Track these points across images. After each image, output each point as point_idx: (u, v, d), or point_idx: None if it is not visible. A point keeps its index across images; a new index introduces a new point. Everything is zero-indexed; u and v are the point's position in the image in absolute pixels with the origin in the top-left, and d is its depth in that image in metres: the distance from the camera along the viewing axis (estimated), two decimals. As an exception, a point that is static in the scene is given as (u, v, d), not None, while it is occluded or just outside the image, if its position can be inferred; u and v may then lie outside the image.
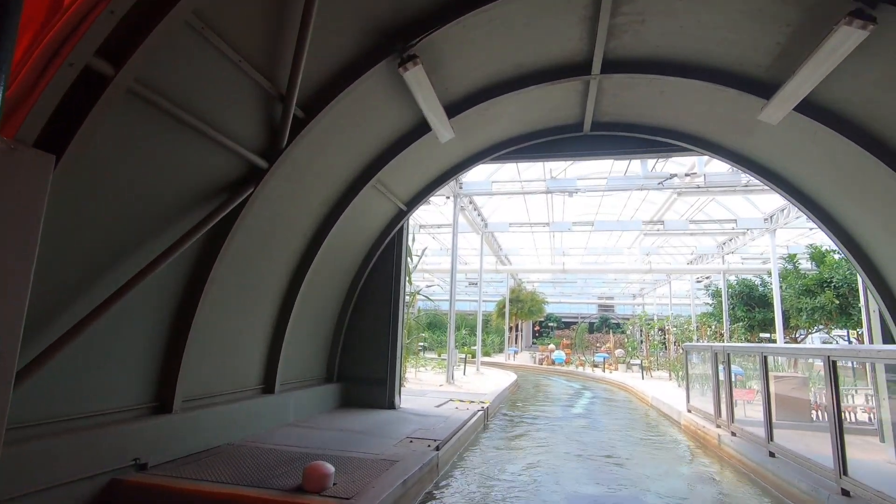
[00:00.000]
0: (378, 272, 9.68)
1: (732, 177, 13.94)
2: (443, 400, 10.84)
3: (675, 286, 36.59)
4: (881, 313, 7.53)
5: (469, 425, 8.36)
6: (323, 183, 7.03)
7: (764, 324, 24.08)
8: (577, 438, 8.81)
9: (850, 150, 6.15)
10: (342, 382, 9.34)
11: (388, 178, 8.33)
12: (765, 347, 6.74)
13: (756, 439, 6.88)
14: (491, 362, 28.84)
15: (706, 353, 9.82)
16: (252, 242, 6.21)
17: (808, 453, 5.62)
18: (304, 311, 8.01)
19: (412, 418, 8.31)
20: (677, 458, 7.82)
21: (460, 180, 15.73)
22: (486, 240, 22.23)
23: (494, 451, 7.50)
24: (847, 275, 18.30)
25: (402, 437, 6.75)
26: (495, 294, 43.94)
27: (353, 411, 8.70)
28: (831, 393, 4.89)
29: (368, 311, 9.59)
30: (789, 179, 7.95)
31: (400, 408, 9.36)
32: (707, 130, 8.09)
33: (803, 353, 5.73)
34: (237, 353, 6.56)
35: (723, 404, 8.25)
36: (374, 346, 9.45)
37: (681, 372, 17.70)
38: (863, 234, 7.37)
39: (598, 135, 8.89)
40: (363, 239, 9.15)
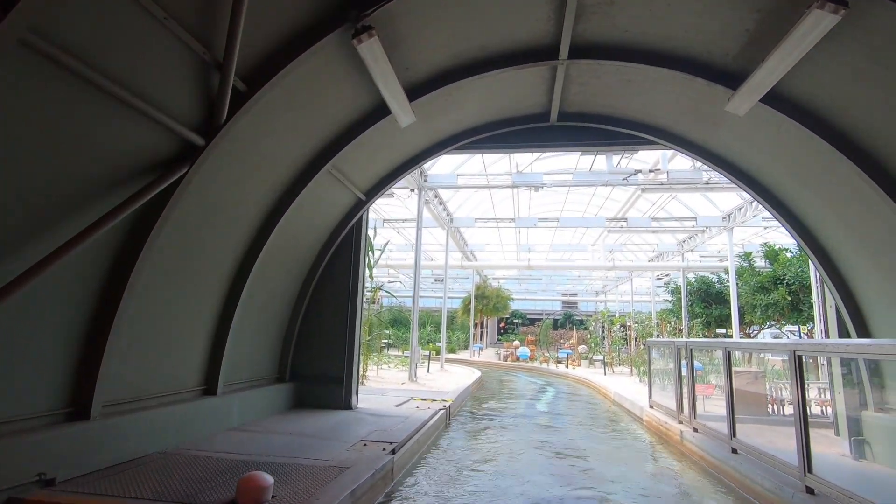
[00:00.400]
0: (335, 265, 9.16)
1: (694, 174, 14.10)
2: (403, 399, 10.44)
3: (636, 283, 37.38)
4: (838, 309, 7.60)
5: (429, 425, 7.99)
6: (272, 166, 6.48)
7: (720, 320, 24.80)
8: (541, 437, 8.59)
9: (814, 144, 6.10)
10: (295, 382, 8.79)
11: (346, 165, 7.83)
12: (729, 343, 6.66)
13: (718, 435, 6.80)
14: (456, 359, 28.62)
15: (669, 349, 9.79)
16: (190, 228, 5.62)
17: (772, 450, 5.53)
18: (253, 305, 7.44)
19: (369, 419, 7.87)
20: (640, 456, 7.70)
21: (425, 173, 15.31)
22: (451, 235, 21.91)
23: (455, 453, 7.15)
24: (798, 272, 18.96)
25: (356, 441, 6.31)
26: (461, 291, 43.80)
27: (306, 413, 8.18)
28: (797, 389, 4.78)
29: (325, 306, 9.07)
30: (752, 174, 7.93)
31: (357, 408, 8.90)
32: (673, 123, 7.97)
33: (769, 348, 5.65)
34: (172, 351, 5.95)
35: (685, 400, 8.19)
36: (330, 344, 8.93)
37: (642, 367, 17.91)
38: (823, 231, 7.41)
39: (564, 125, 8.66)
40: (319, 229, 8.61)
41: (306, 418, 7.71)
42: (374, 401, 9.96)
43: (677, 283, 29.56)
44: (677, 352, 8.59)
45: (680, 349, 8.56)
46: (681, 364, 8.56)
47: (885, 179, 5.73)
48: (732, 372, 6.57)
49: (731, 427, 6.35)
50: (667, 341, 9.69)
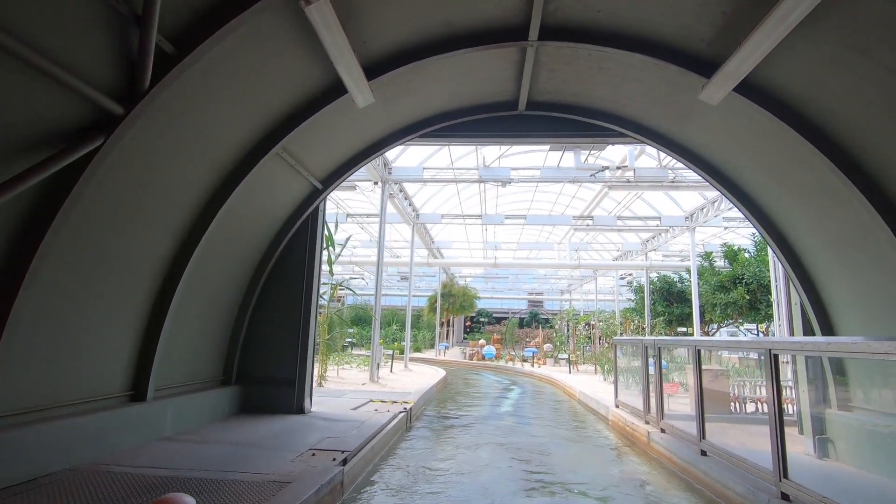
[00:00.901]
0: (289, 259, 8.51)
1: (660, 173, 14.08)
2: (362, 401, 9.87)
3: (600, 282, 37.85)
4: (803, 306, 7.53)
5: (388, 430, 7.48)
6: (212, 145, 5.81)
7: (681, 318, 25.26)
8: (506, 440, 8.21)
9: (785, 136, 5.92)
10: (242, 385, 8.10)
11: (299, 149, 7.21)
12: (699, 341, 6.44)
13: (687, 437, 6.58)
14: (421, 358, 28.13)
15: (636, 347, 9.62)
16: (110, 210, 4.91)
17: (743, 452, 5.30)
18: (192, 300, 6.74)
19: (322, 425, 7.29)
20: (607, 459, 7.42)
21: (389, 165, 14.74)
22: (417, 231, 21.39)
23: (415, 460, 6.67)
24: (756, 272, 19.40)
25: (305, 450, 5.73)
26: (427, 289, 43.33)
27: (253, 418, 7.51)
28: (772, 389, 4.54)
29: (276, 303, 8.41)
30: (721, 169, 7.78)
31: (310, 412, 8.28)
32: (645, 115, 7.73)
33: (743, 346, 5.42)
34: (89, 352, 5.22)
35: (652, 400, 7.98)
36: (281, 343, 8.28)
37: (606, 366, 17.90)
38: (789, 226, 7.31)
39: (533, 115, 8.30)
40: (270, 219, 7.95)
41: (252, 425, 7.06)
42: (331, 404, 9.36)
43: (640, 282, 30.03)
44: (644, 350, 8.38)
45: (647, 347, 8.36)
46: (648, 363, 8.36)
47: (855, 172, 5.59)
48: (701, 371, 6.35)
49: (700, 428, 6.12)
50: (634, 339, 9.50)
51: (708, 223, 19.07)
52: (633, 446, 7.95)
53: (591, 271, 34.04)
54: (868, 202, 5.46)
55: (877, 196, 5.47)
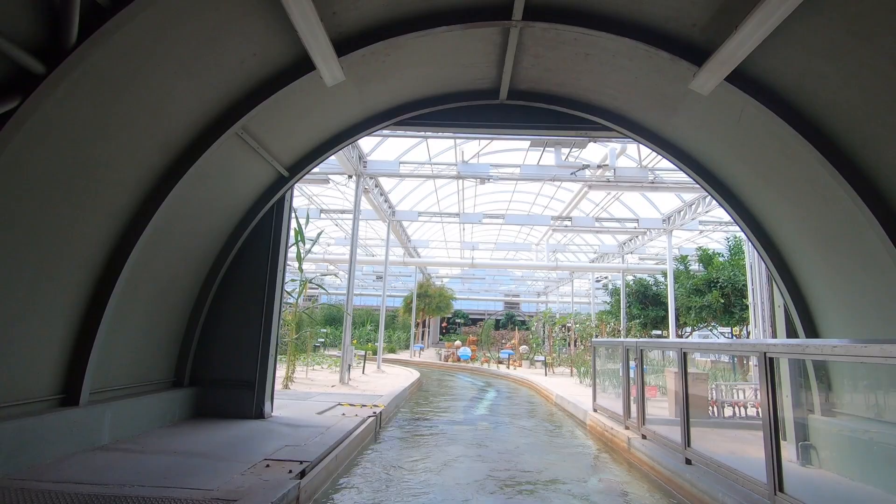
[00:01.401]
0: (252, 251, 7.90)
1: (640, 173, 13.92)
2: (329, 405, 9.30)
3: (576, 285, 37.95)
4: (787, 308, 7.33)
5: (354, 436, 6.95)
6: (161, 119, 5.20)
7: (655, 321, 25.36)
8: (480, 446, 7.78)
9: (776, 129, 5.67)
10: (198, 387, 7.46)
11: (263, 131, 6.64)
12: (685, 343, 6.14)
13: (670, 444, 6.27)
14: (395, 359, 27.54)
15: (616, 350, 9.32)
16: (30, 185, 4.27)
17: (732, 461, 4.99)
18: (139, 293, 6.10)
19: (282, 431, 6.72)
20: (586, 466, 7.06)
21: (365, 158, 14.18)
22: (393, 229, 20.84)
23: (383, 471, 6.16)
24: (731, 275, 19.53)
25: (259, 460, 5.17)
26: (404, 289, 42.74)
27: (207, 424, 6.89)
28: (768, 395, 4.22)
29: (236, 299, 7.79)
30: (706, 164, 7.53)
31: (272, 417, 7.69)
32: (631, 107, 7.42)
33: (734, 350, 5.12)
34: (9, 351, 4.56)
35: (633, 405, 7.66)
36: (241, 342, 7.67)
37: (583, 368, 17.70)
38: (775, 225, 7.09)
39: (514, 105, 7.91)
40: (230, 206, 7.34)
41: (205, 431, 6.44)
42: (295, 407, 8.77)
43: (616, 284, 30.12)
44: (625, 353, 8.08)
45: (628, 350, 8.05)
46: (629, 366, 8.05)
47: (849, 167, 5.35)
48: (687, 375, 6.04)
49: (685, 435, 5.81)
50: (615, 341, 9.20)
51: (685, 226, 19.11)
52: (613, 453, 7.62)
53: (568, 273, 34.06)
54: (860, 199, 5.22)
55: (870, 193, 5.23)
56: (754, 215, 7.35)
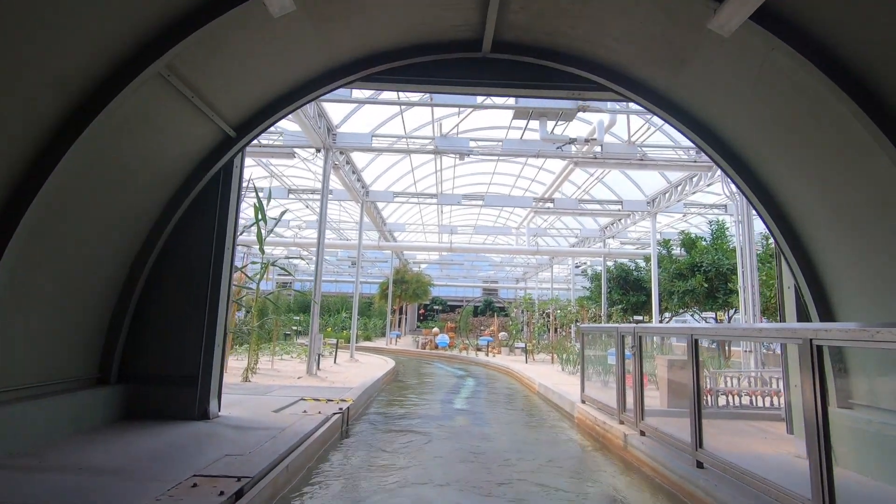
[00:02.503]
0: (194, 227, 6.77)
1: (629, 149, 13.14)
2: (290, 400, 8.29)
3: (555, 271, 37.48)
4: (798, 290, 6.61)
5: (315, 439, 5.99)
6: (49, 46, 4.03)
7: (636, 307, 24.97)
8: (459, 447, 6.91)
9: (805, 79, 4.84)
10: (128, 384, 6.35)
11: (199, 77, 5.49)
12: (697, 329, 5.33)
13: (676, 443, 5.49)
14: (370, 347, 26.56)
15: (608, 336, 8.55)
16: None
17: (759, 467, 4.21)
18: (41, 273, 4.95)
19: (226, 435, 5.69)
20: (577, 468, 6.26)
21: (334, 130, 13.00)
22: (368, 211, 19.70)
23: (344, 483, 5.21)
24: (715, 259, 19.11)
25: (185, 478, 4.15)
26: (380, 275, 41.66)
27: (135, 428, 5.80)
28: (815, 394, 3.41)
29: (176, 281, 6.68)
30: (714, 128, 6.69)
31: (218, 417, 6.64)
32: (631, 61, 6.51)
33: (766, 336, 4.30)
34: None
35: (629, 397, 6.90)
36: (181, 332, 6.57)
37: (564, 355, 17.05)
38: (790, 196, 6.31)
39: (499, 59, 6.92)
40: (163, 170, 6.18)
41: (130, 438, 5.37)
42: (250, 404, 7.73)
43: (596, 270, 29.66)
44: (621, 339, 7.29)
45: (624, 336, 7.26)
46: (624, 354, 7.28)
47: (892, 123, 4.57)
48: (700, 365, 5.24)
49: (696, 434, 5.02)
50: (607, 327, 8.43)
51: (670, 209, 18.52)
52: (607, 451, 6.85)
53: (548, 259, 33.50)
54: (904, 160, 4.45)
55: (917, 153, 4.46)
56: (766, 187, 6.56)
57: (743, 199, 13.04)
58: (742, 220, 12.91)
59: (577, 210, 19.33)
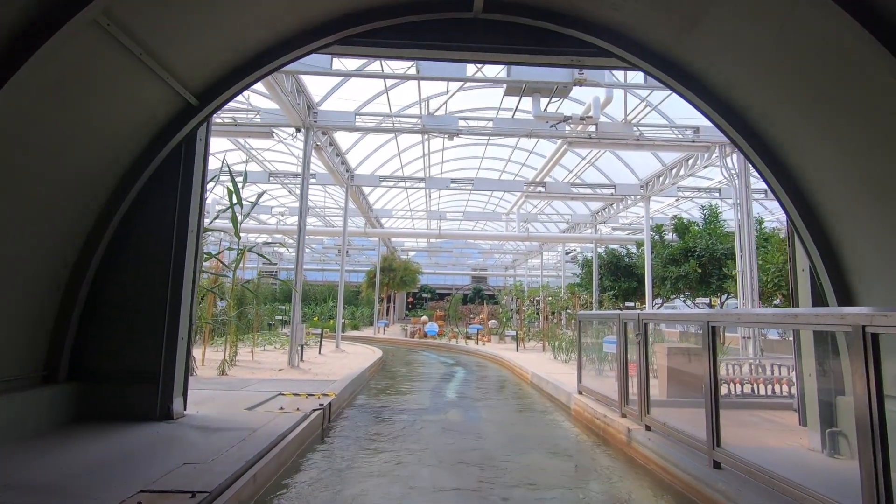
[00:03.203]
0: (152, 207, 6.07)
1: (625, 128, 12.59)
2: (268, 395, 7.69)
3: (545, 257, 37.10)
4: (814, 272, 6.13)
5: (290, 441, 5.40)
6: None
7: (627, 293, 24.67)
8: (449, 445, 6.38)
9: (840, 37, 4.29)
10: (80, 382, 5.69)
11: (151, 34, 4.77)
12: (714, 315, 4.82)
13: (688, 440, 5.01)
14: (358, 336, 25.96)
15: (609, 324, 8.06)
16: None
17: (789, 471, 3.72)
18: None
19: (190, 439, 5.08)
20: (578, 467, 5.77)
21: (315, 108, 12.23)
22: (353, 196, 18.97)
23: (321, 494, 4.64)
24: (709, 244, 18.77)
25: (131, 494, 3.54)
26: (367, 263, 40.94)
27: (86, 433, 5.16)
28: (868, 386, 2.90)
29: (133, 268, 6.00)
30: (726, 95, 6.13)
31: (184, 417, 6.01)
32: (637, 22, 5.90)
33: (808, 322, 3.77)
34: None
35: (633, 388, 6.41)
36: (140, 323, 5.91)
37: (556, 343, 16.64)
38: (811, 174, 5.79)
39: (493, 19, 6.27)
40: (113, 141, 5.46)
41: (75, 444, 4.73)
42: (223, 401, 7.11)
43: (587, 256, 29.30)
44: (623, 327, 6.78)
45: (627, 324, 6.75)
46: (626, 342, 6.78)
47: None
48: (716, 354, 4.74)
49: (712, 431, 4.53)
50: (608, 314, 7.94)
51: (664, 192, 18.08)
52: (608, 447, 6.37)
53: (538, 245, 33.08)
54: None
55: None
56: (781, 158, 6.04)
57: (741, 180, 12.61)
58: (741, 202, 12.48)
59: (568, 194, 18.80)
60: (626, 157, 18.21)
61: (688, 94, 6.28)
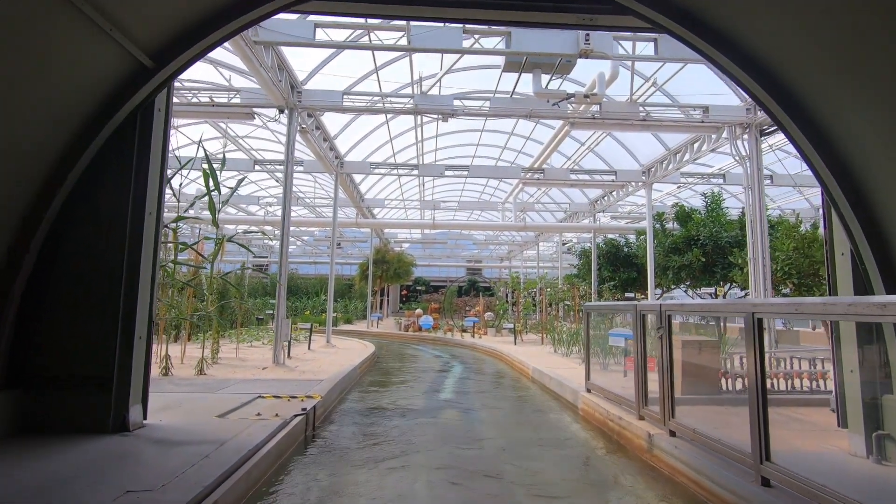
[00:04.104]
0: (102, 186, 5.26)
1: (630, 108, 11.84)
2: (246, 397, 6.94)
3: (541, 248, 36.46)
4: (857, 256, 5.45)
5: (264, 455, 4.67)
6: None
7: (627, 283, 24.05)
8: (448, 455, 5.68)
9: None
10: (19, 389, 4.90)
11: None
12: (762, 306, 4.11)
13: (726, 450, 4.32)
14: (350, 331, 25.23)
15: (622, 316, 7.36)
16: None
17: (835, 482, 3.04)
18: None
19: (142, 456, 4.32)
20: (593, 480, 5.08)
21: (299, 86, 11.37)
22: (343, 184, 18.14)
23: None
24: (713, 232, 18.14)
25: (47, 538, 2.79)
26: (360, 256, 40.10)
27: (18, 449, 4.38)
28: None
29: (81, 256, 5.19)
30: (760, 57, 5.39)
31: (143, 427, 5.25)
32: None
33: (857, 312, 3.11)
34: None
35: (654, 388, 5.73)
36: (89, 321, 5.12)
37: (556, 335, 15.99)
38: (857, 147, 5.08)
39: (494, -29, 5.47)
40: (52, 106, 4.63)
41: (4, 467, 3.96)
42: (194, 406, 6.35)
43: (584, 246, 28.64)
44: (641, 320, 6.08)
45: (646, 315, 6.05)
46: (644, 338, 6.09)
47: None
48: (763, 351, 4.05)
49: (761, 442, 3.85)
50: (623, 305, 7.26)
51: (667, 178, 17.38)
52: (626, 454, 5.69)
53: (534, 236, 32.41)
54: None
55: None
56: (823, 129, 5.32)
57: (753, 162, 11.93)
58: (752, 185, 11.80)
59: (567, 181, 18.07)
60: (627, 143, 17.49)
61: (714, 55, 5.53)
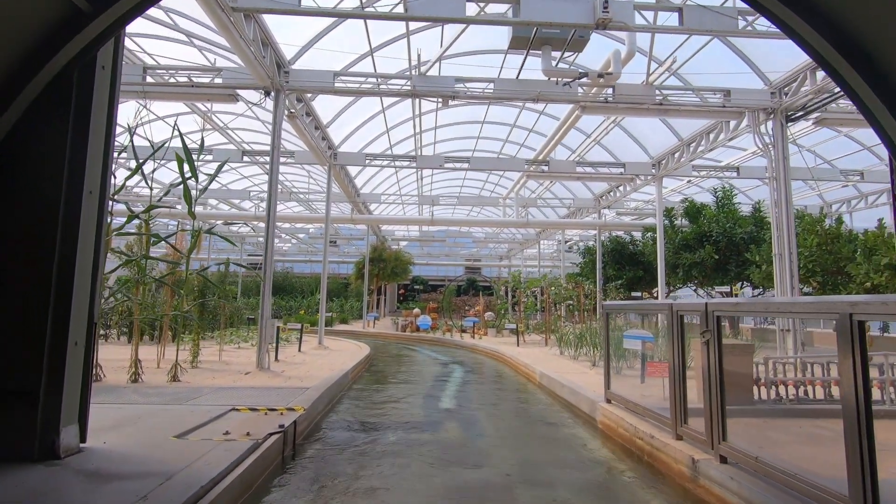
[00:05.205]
0: (29, 160, 4.32)
1: (646, 91, 10.93)
2: (217, 410, 6.01)
3: (542, 246, 35.57)
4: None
5: (223, 489, 3.73)
6: None
7: (632, 282, 23.18)
8: (450, 482, 4.75)
9: None
10: (-78, 407, 3.96)
11: None
12: (859, 303, 3.17)
13: (808, 488, 3.40)
14: (345, 331, 24.28)
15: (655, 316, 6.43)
16: None
17: None
18: None
19: (65, 497, 3.39)
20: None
21: (286, 66, 10.42)
22: (337, 177, 17.20)
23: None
24: (727, 227, 17.28)
25: None
26: (357, 254, 39.14)
27: None
28: None
29: (1, 245, 4.25)
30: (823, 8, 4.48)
31: (80, 452, 4.30)
32: None
33: None
34: None
35: (705, 406, 4.81)
36: (9, 322, 4.17)
37: (561, 336, 15.08)
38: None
39: None
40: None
41: None
42: (152, 421, 5.41)
43: (588, 244, 27.74)
44: (679, 321, 5.15)
45: (682, 316, 5.14)
46: (682, 343, 5.18)
47: None
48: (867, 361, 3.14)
49: (865, 483, 2.93)
50: (655, 304, 6.38)
51: (679, 170, 16.47)
52: (664, 483, 4.77)
53: (535, 233, 31.51)
54: None
55: None
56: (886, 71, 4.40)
57: (778, 150, 11.02)
58: (778, 174, 10.91)
59: (574, 173, 17.15)
60: (637, 134, 16.58)
61: (769, 3, 4.61)
